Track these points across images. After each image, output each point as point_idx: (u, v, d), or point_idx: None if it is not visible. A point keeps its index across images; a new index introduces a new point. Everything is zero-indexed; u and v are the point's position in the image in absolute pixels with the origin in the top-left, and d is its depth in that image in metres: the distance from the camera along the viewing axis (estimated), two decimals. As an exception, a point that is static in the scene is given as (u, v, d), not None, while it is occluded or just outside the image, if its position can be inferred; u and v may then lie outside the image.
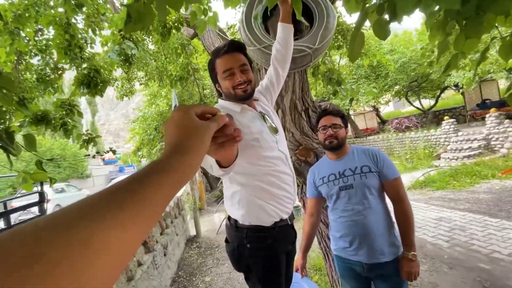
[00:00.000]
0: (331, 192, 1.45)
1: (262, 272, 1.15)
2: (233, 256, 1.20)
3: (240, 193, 1.13)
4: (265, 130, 1.14)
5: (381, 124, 17.80)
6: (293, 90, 1.82)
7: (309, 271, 2.99)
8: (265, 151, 1.11)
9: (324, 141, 1.46)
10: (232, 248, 1.18)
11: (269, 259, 1.15)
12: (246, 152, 1.05)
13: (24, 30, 3.32)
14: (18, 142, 1.21)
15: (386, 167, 1.38)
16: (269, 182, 1.11)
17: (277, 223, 1.14)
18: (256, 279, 1.17)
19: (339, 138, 1.43)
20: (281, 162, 1.16)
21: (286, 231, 1.21)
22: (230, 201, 1.17)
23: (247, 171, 1.10)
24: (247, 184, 1.11)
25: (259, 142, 1.09)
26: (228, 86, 1.10)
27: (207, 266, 3.94)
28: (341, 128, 1.45)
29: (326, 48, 1.65)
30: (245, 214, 1.12)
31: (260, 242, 1.12)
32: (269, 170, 1.12)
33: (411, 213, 1.36)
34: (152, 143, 9.08)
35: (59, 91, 4.38)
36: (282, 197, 1.14)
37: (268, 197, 1.11)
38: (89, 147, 3.28)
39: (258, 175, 1.11)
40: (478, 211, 4.16)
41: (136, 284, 2.40)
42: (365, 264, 1.39)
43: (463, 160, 7.94)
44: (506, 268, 2.56)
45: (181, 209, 5.52)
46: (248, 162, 1.08)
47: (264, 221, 1.11)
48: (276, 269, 1.16)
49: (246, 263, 1.17)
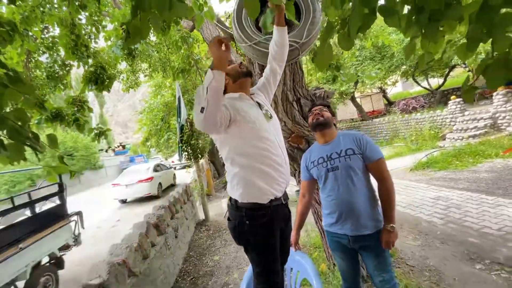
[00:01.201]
0: (320, 174, 1.61)
1: (259, 245, 1.35)
2: (234, 232, 1.40)
3: (239, 175, 1.31)
4: (261, 116, 1.35)
5: (388, 106, 17.56)
6: (284, 82, 1.95)
7: (309, 248, 3.22)
8: (262, 132, 1.30)
9: (313, 120, 1.62)
10: (234, 225, 1.37)
11: (265, 234, 1.34)
12: (246, 133, 1.27)
13: (32, 29, 3.46)
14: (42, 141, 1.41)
15: (369, 149, 1.53)
16: (264, 163, 1.29)
17: (272, 201, 1.31)
18: (254, 251, 1.37)
19: (324, 116, 1.61)
20: (275, 146, 1.34)
21: (280, 209, 1.38)
22: (231, 183, 1.36)
23: (246, 151, 1.28)
24: (246, 165, 1.29)
25: (256, 125, 1.29)
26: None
27: (216, 246, 4.23)
28: (326, 111, 1.62)
29: (313, 41, 1.75)
30: (243, 193, 1.30)
31: (257, 219, 1.31)
32: (264, 151, 1.30)
33: (392, 191, 1.52)
34: (159, 133, 9.32)
35: (68, 87, 4.57)
36: (276, 176, 1.32)
37: (263, 177, 1.29)
38: (100, 139, 3.51)
39: (255, 156, 1.28)
40: (476, 189, 4.26)
41: (151, 262, 2.68)
42: (350, 237, 1.56)
43: (468, 140, 7.91)
44: (494, 241, 2.71)
45: (190, 195, 5.81)
46: (247, 143, 1.28)
47: (259, 199, 1.29)
48: (271, 243, 1.35)
49: (245, 238, 1.36)
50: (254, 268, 1.41)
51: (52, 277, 3.56)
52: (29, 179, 13.97)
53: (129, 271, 2.19)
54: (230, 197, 1.39)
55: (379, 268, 1.55)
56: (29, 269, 3.15)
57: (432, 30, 0.78)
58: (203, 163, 8.67)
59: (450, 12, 0.74)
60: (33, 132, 1.34)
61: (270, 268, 1.36)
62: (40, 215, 3.62)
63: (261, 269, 1.36)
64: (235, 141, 1.29)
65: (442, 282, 2.28)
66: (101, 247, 5.24)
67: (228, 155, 1.33)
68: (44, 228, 3.53)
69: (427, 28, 0.79)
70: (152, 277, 2.61)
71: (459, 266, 2.47)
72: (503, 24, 0.68)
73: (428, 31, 0.79)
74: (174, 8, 0.98)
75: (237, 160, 1.30)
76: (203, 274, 3.39)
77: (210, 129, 1.21)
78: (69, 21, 2.93)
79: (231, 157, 1.32)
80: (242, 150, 1.28)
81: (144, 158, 25.10)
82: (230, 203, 1.40)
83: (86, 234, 4.98)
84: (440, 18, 0.76)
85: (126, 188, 9.04)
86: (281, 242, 1.42)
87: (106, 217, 8.00)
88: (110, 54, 4.00)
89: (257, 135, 1.29)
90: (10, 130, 1.23)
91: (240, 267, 3.34)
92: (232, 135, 1.28)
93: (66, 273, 3.98)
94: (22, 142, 1.28)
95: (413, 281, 2.30)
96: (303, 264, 1.82)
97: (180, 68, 4.39)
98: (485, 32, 0.73)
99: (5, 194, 12.83)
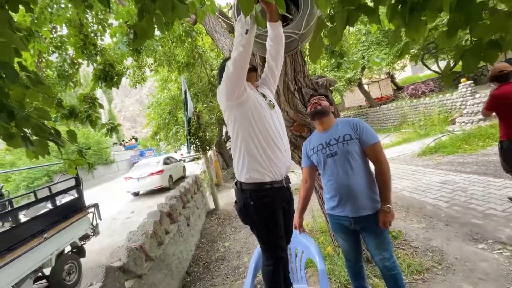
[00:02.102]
0: (320, 160, 1.70)
1: (264, 224, 1.48)
2: (240, 213, 1.54)
3: (243, 157, 1.44)
4: (265, 104, 1.49)
5: (397, 91, 17.21)
6: (285, 72, 2.01)
7: (316, 233, 3.33)
8: (266, 118, 1.44)
9: (311, 109, 1.70)
10: (240, 207, 1.52)
11: (268, 214, 1.47)
12: (252, 115, 1.41)
13: (41, 30, 3.58)
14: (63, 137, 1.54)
15: (365, 134, 1.60)
16: (266, 147, 1.42)
17: (274, 183, 1.44)
18: (259, 230, 1.51)
19: (322, 105, 1.69)
20: (278, 133, 1.48)
21: (282, 191, 1.52)
22: (237, 166, 1.50)
23: (251, 134, 1.41)
24: (250, 147, 1.42)
25: (261, 110, 1.44)
26: None
27: (226, 233, 4.41)
28: (324, 100, 1.69)
29: (311, 32, 1.79)
30: (246, 175, 1.43)
31: (260, 200, 1.44)
32: (267, 137, 1.43)
33: (388, 173, 1.59)
34: (168, 127, 9.51)
35: (78, 85, 4.72)
36: (276, 162, 1.45)
37: (265, 160, 1.42)
38: (112, 135, 3.67)
39: (259, 139, 1.41)
40: (484, 172, 4.25)
41: (166, 248, 2.85)
42: (351, 218, 1.65)
43: (479, 123, 7.76)
44: (497, 222, 2.75)
45: (200, 185, 5.99)
46: (253, 125, 1.41)
47: (261, 179, 1.42)
48: (274, 221, 1.48)
49: (251, 218, 1.50)
50: (261, 246, 1.54)
51: (75, 264, 3.82)
52: (46, 175, 14.56)
53: (146, 255, 2.36)
54: (236, 181, 1.53)
55: (379, 247, 1.65)
56: (54, 257, 3.39)
57: (415, 21, 0.84)
58: (211, 155, 8.84)
59: (430, 4, 0.80)
60: (55, 129, 1.47)
61: (275, 244, 1.49)
62: (61, 207, 3.85)
63: (266, 246, 1.49)
64: (242, 122, 1.42)
65: (444, 261, 2.36)
66: (117, 238, 5.53)
67: (237, 136, 1.45)
68: (65, 219, 3.77)
69: (410, 19, 0.84)
70: (167, 262, 2.79)
71: (461, 246, 2.54)
72: (479, 12, 0.74)
73: (411, 22, 0.85)
74: (176, 9, 1.06)
75: (243, 142, 1.43)
76: (215, 259, 3.57)
77: (241, 71, 1.32)
78: (77, 21, 3.03)
79: (238, 138, 1.44)
80: (248, 132, 1.41)
81: (154, 152, 25.60)
82: (236, 187, 1.54)
83: (102, 225, 5.24)
84: (420, 9, 0.82)
85: (138, 181, 9.34)
86: (284, 222, 1.55)
87: (120, 209, 8.34)
88: (117, 51, 4.11)
89: (262, 121, 1.42)
90: (34, 127, 1.35)
91: (250, 252, 3.50)
92: (241, 114, 1.41)
93: (87, 261, 4.25)
94: (46, 138, 1.41)
95: (416, 261, 2.39)
96: (307, 245, 1.94)
97: (185, 62, 4.46)
98: (464, 20, 0.78)
99: (24, 190, 13.45)
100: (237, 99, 1.38)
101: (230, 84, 1.34)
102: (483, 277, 2.07)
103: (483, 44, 0.72)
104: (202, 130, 5.66)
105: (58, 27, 4.16)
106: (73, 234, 3.86)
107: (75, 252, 4.04)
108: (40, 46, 3.50)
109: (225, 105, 1.43)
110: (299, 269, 2.07)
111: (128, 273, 1.99)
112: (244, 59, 1.30)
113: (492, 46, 0.71)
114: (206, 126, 6.07)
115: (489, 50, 0.71)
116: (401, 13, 0.86)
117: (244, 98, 1.39)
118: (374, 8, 0.79)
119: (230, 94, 1.37)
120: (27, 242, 3.04)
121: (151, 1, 1.13)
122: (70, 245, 3.89)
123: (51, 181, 14.20)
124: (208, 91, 7.07)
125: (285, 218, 1.58)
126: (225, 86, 1.36)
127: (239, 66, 1.29)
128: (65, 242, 3.68)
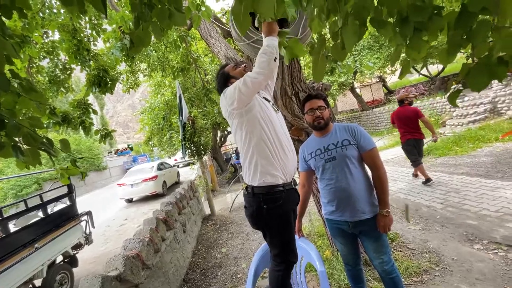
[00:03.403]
0: (318, 165, 1.70)
1: (278, 227, 1.48)
2: (252, 218, 1.52)
3: (257, 163, 1.44)
4: (271, 107, 1.53)
5: (388, 95, 17.51)
6: (282, 77, 2.02)
7: (314, 236, 3.32)
8: (272, 122, 1.47)
9: (313, 123, 1.70)
10: (251, 211, 1.49)
11: (282, 216, 1.47)
12: (260, 120, 1.43)
13: (33, 35, 3.52)
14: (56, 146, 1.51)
15: (363, 139, 1.61)
16: (275, 150, 1.43)
17: (285, 185, 1.45)
18: (273, 233, 1.50)
19: (325, 118, 1.68)
20: (284, 135, 1.51)
21: (292, 193, 1.53)
22: (248, 172, 1.49)
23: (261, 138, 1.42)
24: (261, 151, 1.42)
25: (268, 114, 1.48)
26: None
27: (223, 239, 4.36)
28: (325, 109, 1.69)
29: (309, 37, 1.81)
30: (259, 179, 1.43)
31: (274, 203, 1.43)
32: (276, 140, 1.44)
33: (385, 178, 1.60)
34: (161, 132, 9.43)
35: (70, 91, 4.64)
36: (285, 163, 1.46)
37: (275, 163, 1.43)
38: (106, 141, 3.61)
39: (268, 143, 1.43)
40: (476, 174, 4.34)
41: (162, 255, 2.80)
42: (350, 223, 1.65)
43: (469, 125, 7.94)
44: (491, 222, 2.80)
45: (195, 191, 5.93)
46: (262, 130, 1.43)
47: (274, 182, 1.42)
48: (288, 222, 1.49)
49: (264, 222, 1.49)
50: (272, 251, 1.53)
51: (67, 275, 3.71)
52: (36, 182, 14.19)
53: (143, 263, 2.31)
54: (246, 186, 1.51)
55: (378, 251, 1.65)
56: (45, 267, 3.29)
57: (417, 41, 0.83)
58: (206, 160, 8.78)
59: (433, 23, 0.79)
60: (47, 138, 1.43)
61: (288, 248, 1.49)
62: (52, 216, 3.75)
63: (279, 251, 1.49)
64: (253, 126, 1.43)
65: (441, 262, 2.38)
66: (111, 245, 5.41)
67: (249, 142, 1.45)
68: (57, 228, 3.67)
69: (411, 39, 0.83)
70: (164, 269, 2.73)
71: (457, 247, 2.57)
72: (481, 29, 0.74)
73: (412, 41, 0.84)
74: (173, 17, 1.06)
75: (256, 147, 1.43)
76: (212, 265, 3.52)
77: (257, 89, 1.41)
78: (70, 26, 3.00)
79: (251, 144, 1.44)
80: (260, 136, 1.42)
81: (147, 158, 25.29)
82: (246, 191, 1.52)
83: (96, 233, 5.13)
84: (423, 29, 0.80)
85: (131, 188, 9.20)
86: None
87: (113, 216, 8.18)
88: (110, 56, 4.07)
89: (271, 123, 1.45)
90: (26, 136, 1.31)
91: (247, 258, 3.47)
92: (250, 119, 1.43)
93: (80, 270, 4.13)
94: (38, 147, 1.37)
95: (414, 263, 2.41)
96: (307, 250, 1.93)
97: (180, 67, 4.44)
98: (465, 37, 0.78)
99: (13, 198, 13.05)
100: (245, 106, 1.42)
101: (243, 97, 1.37)
102: (480, 278, 2.09)
103: (492, 61, 0.72)
104: (197, 135, 5.62)
105: (50, 32, 4.10)
106: (65, 243, 3.75)
107: (67, 262, 3.93)
108: (31, 51, 3.44)
109: (234, 113, 1.45)
110: (299, 273, 2.06)
111: (125, 282, 1.94)
112: (265, 81, 1.37)
113: (500, 63, 0.71)
114: (201, 131, 6.03)
115: (498, 67, 0.70)
116: (401, 33, 0.84)
117: (251, 103, 1.42)
118: (385, 20, 0.79)
119: (240, 104, 1.40)
120: (17, 252, 2.94)
121: (148, 9, 1.12)
122: (62, 254, 3.77)
123: (41, 189, 13.84)
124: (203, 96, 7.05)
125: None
126: (238, 98, 1.38)
127: (257, 86, 1.36)
128: (57, 251, 3.57)
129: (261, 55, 1.34)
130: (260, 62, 1.34)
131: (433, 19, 0.77)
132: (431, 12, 0.78)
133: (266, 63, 1.32)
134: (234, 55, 2.87)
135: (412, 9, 0.78)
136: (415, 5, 0.79)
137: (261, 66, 1.33)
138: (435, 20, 0.78)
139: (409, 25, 0.81)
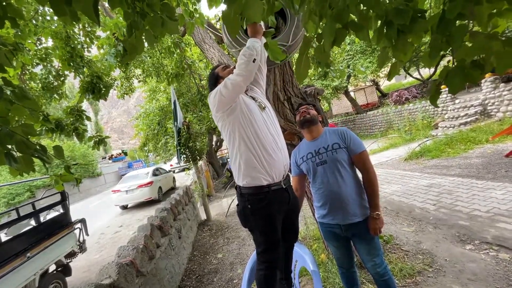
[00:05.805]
0: (309, 168, 1.72)
1: (261, 227, 1.48)
2: (240, 216, 1.55)
3: (240, 162, 1.44)
4: (256, 107, 1.49)
5: (382, 98, 17.73)
6: (274, 83, 2.05)
7: (309, 240, 3.33)
8: (257, 121, 1.45)
9: (300, 119, 1.74)
10: (239, 210, 1.53)
11: (266, 217, 1.46)
12: (245, 120, 1.42)
13: (26, 43, 3.51)
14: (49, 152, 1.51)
15: (352, 143, 1.64)
16: (260, 149, 1.42)
17: (271, 186, 1.43)
18: (257, 233, 1.51)
19: (310, 113, 1.73)
20: (270, 133, 1.48)
21: (280, 193, 1.49)
22: (234, 171, 1.51)
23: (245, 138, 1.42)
24: (245, 152, 1.42)
25: (252, 113, 1.45)
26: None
27: (219, 245, 4.34)
28: (312, 109, 1.74)
29: (299, 43, 1.85)
30: (244, 180, 1.44)
31: (258, 203, 1.44)
32: (260, 139, 1.43)
33: (375, 181, 1.63)
34: (156, 137, 9.39)
35: (63, 97, 4.62)
36: (271, 162, 1.44)
37: (260, 163, 1.42)
38: (100, 147, 3.59)
39: (253, 143, 1.42)
40: (467, 175, 4.41)
41: (157, 262, 2.78)
42: (342, 226, 1.67)
43: (460, 127, 8.09)
44: (482, 223, 2.85)
45: (191, 196, 5.90)
46: (247, 130, 1.42)
47: (258, 183, 1.42)
48: (271, 224, 1.46)
49: (249, 221, 1.50)
50: (256, 249, 1.54)
51: (60, 284, 3.64)
52: (28, 190, 13.96)
53: (137, 271, 2.29)
54: (237, 185, 1.53)
55: (370, 253, 1.67)
56: (38, 277, 3.23)
57: (402, 43, 0.87)
58: (202, 165, 8.76)
59: (416, 26, 0.83)
60: (40, 145, 1.43)
61: (269, 248, 1.49)
62: (45, 224, 3.70)
63: (262, 249, 1.50)
64: (234, 128, 1.43)
65: (434, 263, 2.41)
66: (106, 253, 5.33)
67: (233, 144, 1.46)
68: (50, 236, 3.61)
69: (397, 40, 0.87)
70: (159, 276, 2.71)
71: (450, 247, 2.60)
72: (459, 34, 0.79)
73: (397, 43, 0.88)
74: (166, 25, 1.08)
75: (238, 149, 1.44)
76: (208, 271, 3.49)
77: (238, 93, 1.40)
78: (63, 33, 3.00)
79: (234, 145, 1.46)
80: (242, 138, 1.42)
81: (142, 163, 25.10)
82: (236, 191, 1.55)
83: (90, 241, 5.06)
84: (407, 31, 0.84)
85: (126, 194, 9.11)
86: (288, 223, 1.57)
87: (108, 223, 8.07)
88: (104, 63, 4.07)
89: (252, 125, 1.43)
90: (19, 143, 1.31)
91: (243, 263, 3.45)
92: (232, 121, 1.43)
93: (73, 279, 4.06)
94: (31, 155, 1.37)
95: (408, 264, 2.43)
96: (301, 254, 1.94)
97: (174, 73, 4.47)
98: (445, 41, 0.82)
99: (4, 207, 12.81)
100: (227, 109, 1.43)
101: (224, 99, 1.38)
102: (472, 278, 2.12)
103: (466, 65, 0.75)
104: (192, 140, 5.62)
105: (43, 39, 4.09)
106: (58, 252, 3.69)
107: (61, 271, 3.86)
108: (24, 58, 3.43)
109: (217, 116, 1.47)
110: (293, 278, 2.06)
111: (118, 290, 1.92)
112: (244, 83, 1.36)
113: (475, 66, 0.74)
114: (196, 136, 6.04)
115: (473, 70, 0.74)
116: (387, 36, 0.87)
117: (233, 105, 1.42)
118: (362, 25, 0.82)
119: (222, 107, 1.41)
120: (8, 262, 2.89)
121: (141, 18, 1.14)
122: (55, 263, 3.71)
123: (34, 196, 13.62)
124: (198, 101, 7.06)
125: (288, 219, 1.58)
126: (219, 101, 1.39)
127: (237, 89, 1.35)
128: (50, 260, 3.51)
129: (240, 57, 1.36)
130: (239, 64, 1.35)
131: (416, 21, 0.81)
132: (413, 15, 0.82)
133: (245, 64, 1.33)
134: (228, 61, 2.90)
135: (394, 13, 0.82)
136: (397, 9, 0.82)
137: (240, 67, 1.34)
138: (419, 22, 0.82)
139: (393, 27, 0.85)
